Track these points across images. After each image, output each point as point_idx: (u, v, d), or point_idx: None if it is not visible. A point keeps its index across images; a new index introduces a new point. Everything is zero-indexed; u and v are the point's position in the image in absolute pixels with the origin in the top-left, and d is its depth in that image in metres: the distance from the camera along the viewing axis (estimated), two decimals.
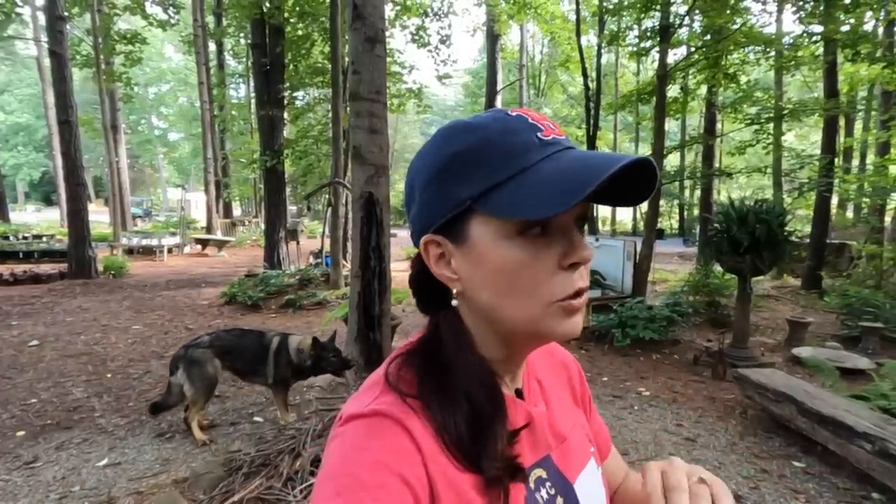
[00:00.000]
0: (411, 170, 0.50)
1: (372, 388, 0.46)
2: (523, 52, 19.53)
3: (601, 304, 5.73)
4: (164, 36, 26.29)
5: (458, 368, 0.46)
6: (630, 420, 3.56)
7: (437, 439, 0.43)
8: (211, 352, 3.13)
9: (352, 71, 3.91)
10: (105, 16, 14.21)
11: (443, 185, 0.45)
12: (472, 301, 0.46)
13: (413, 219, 0.49)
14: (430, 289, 0.50)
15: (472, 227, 0.44)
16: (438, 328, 0.48)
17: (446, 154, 0.45)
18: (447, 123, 0.49)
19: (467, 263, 0.45)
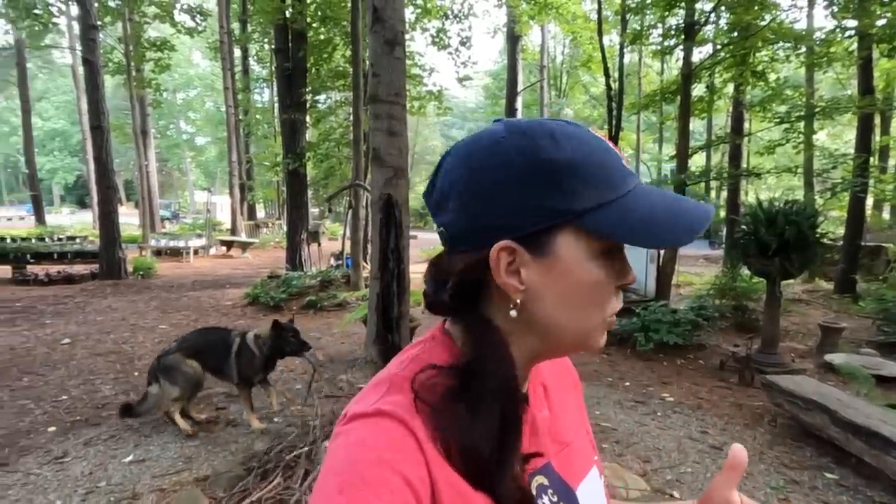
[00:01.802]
0: (474, 166, 0.45)
1: (377, 388, 0.45)
2: (544, 52, 19.39)
3: (623, 308, 5.60)
4: (192, 43, 27.01)
5: (498, 380, 0.44)
6: (653, 426, 3.48)
7: (441, 449, 0.41)
8: (181, 354, 3.23)
9: (371, 73, 3.93)
10: (136, 24, 14.67)
11: (534, 192, 0.43)
12: (532, 312, 0.45)
13: (475, 220, 0.45)
14: (466, 295, 0.47)
15: (560, 241, 0.44)
16: (480, 337, 0.46)
17: (540, 160, 0.43)
18: (521, 123, 0.45)
19: (543, 276, 0.44)
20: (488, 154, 0.45)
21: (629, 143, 21.87)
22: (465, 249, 0.46)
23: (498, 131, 0.46)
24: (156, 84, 15.72)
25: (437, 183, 0.47)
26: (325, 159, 10.13)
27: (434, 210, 0.48)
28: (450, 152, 0.47)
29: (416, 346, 0.50)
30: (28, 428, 3.30)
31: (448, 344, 0.48)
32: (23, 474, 2.73)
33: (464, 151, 0.46)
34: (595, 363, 4.92)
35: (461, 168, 0.46)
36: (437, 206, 0.47)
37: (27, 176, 20.06)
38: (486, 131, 0.47)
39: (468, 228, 0.45)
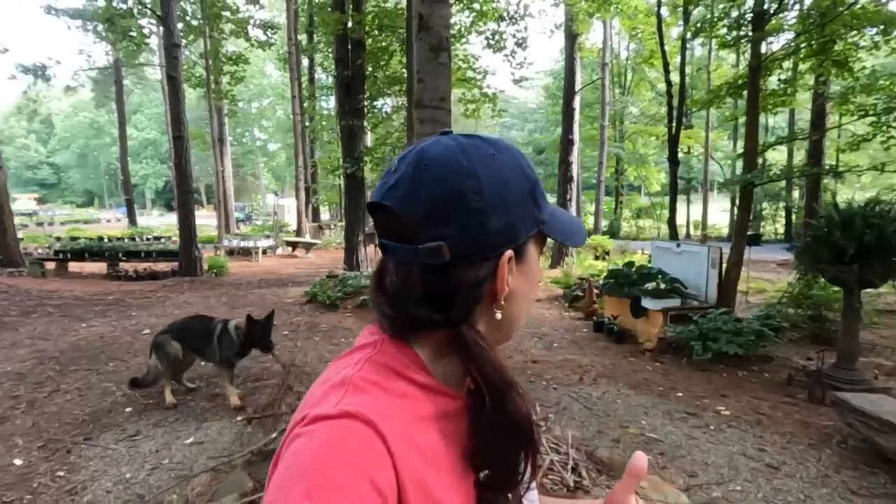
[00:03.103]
0: (488, 182, 0.47)
1: (336, 389, 0.44)
2: (606, 49, 18.79)
3: (680, 314, 5.35)
4: (265, 55, 28.76)
5: (504, 381, 0.48)
6: (703, 440, 3.30)
7: (416, 441, 0.43)
8: (169, 335, 3.73)
9: (417, 80, 4.03)
10: (215, 40, 15.89)
11: (533, 203, 0.50)
12: (507, 311, 0.50)
13: (493, 234, 0.47)
14: (470, 308, 0.48)
15: (529, 246, 0.52)
16: (476, 347, 0.47)
17: (532, 176, 0.51)
18: (506, 143, 0.52)
19: (520, 278, 0.50)
20: (498, 169, 0.48)
21: (698, 141, 20.68)
22: (474, 262, 0.47)
23: (481, 146, 0.49)
24: (231, 95, 16.93)
25: (425, 195, 0.46)
26: (381, 163, 10.44)
27: (423, 223, 0.46)
28: (426, 163, 0.46)
29: (359, 349, 0.50)
30: (109, 408, 3.69)
31: (401, 348, 0.49)
32: (102, 448, 3.06)
33: (460, 166, 0.46)
34: (646, 371, 4.73)
35: (469, 182, 0.46)
36: (430, 220, 0.46)
37: (122, 182, 22.20)
38: (469, 145, 0.48)
39: (483, 242, 0.47)
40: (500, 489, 0.50)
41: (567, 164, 11.35)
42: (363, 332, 0.53)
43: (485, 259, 0.47)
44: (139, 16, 13.23)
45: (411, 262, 0.47)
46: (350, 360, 0.49)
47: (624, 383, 4.39)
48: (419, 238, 0.46)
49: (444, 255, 0.45)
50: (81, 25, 18.96)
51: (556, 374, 4.65)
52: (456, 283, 0.47)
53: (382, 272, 0.52)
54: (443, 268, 0.46)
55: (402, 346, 0.49)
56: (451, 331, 0.48)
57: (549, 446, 2.25)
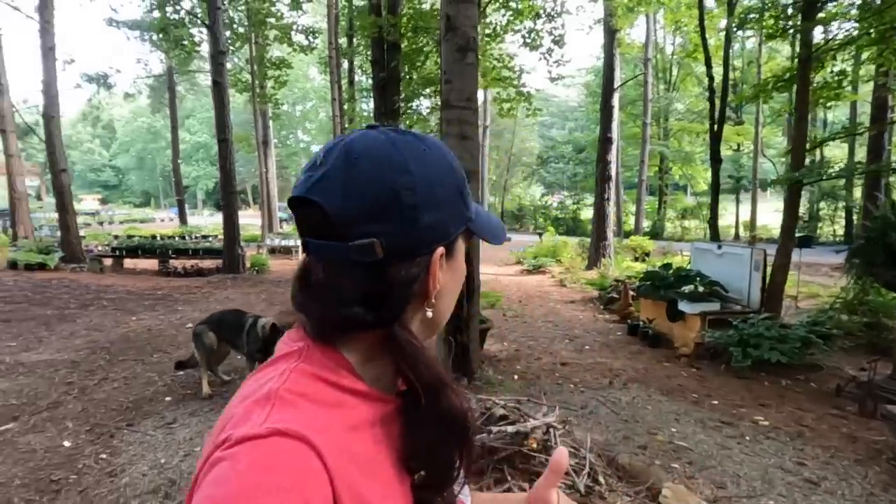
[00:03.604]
0: (425, 177, 0.46)
1: (260, 405, 0.41)
2: (649, 45, 18.21)
3: (719, 319, 5.13)
4: (309, 59, 29.59)
5: (438, 378, 0.48)
6: (737, 451, 3.15)
7: (352, 452, 0.42)
8: (206, 326, 3.98)
9: (444, 80, 4.05)
10: (260, 46, 16.49)
11: (463, 200, 0.51)
12: (437, 308, 0.51)
13: (428, 230, 0.47)
14: (402, 306, 0.47)
15: (457, 244, 0.52)
16: (409, 347, 0.47)
17: (461, 174, 0.51)
18: (434, 139, 0.51)
19: (448, 274, 0.51)
20: (429, 166, 0.47)
21: (747, 138, 19.71)
22: (407, 259, 0.46)
23: (411, 141, 0.48)
24: (275, 99, 17.53)
25: (356, 189, 0.44)
26: None
27: (354, 218, 0.44)
28: (355, 156, 0.45)
29: (282, 359, 0.47)
30: (151, 396, 3.91)
31: (329, 353, 0.47)
32: (142, 434, 3.25)
33: (392, 160, 0.45)
34: (681, 377, 4.56)
35: (402, 177, 0.45)
36: (361, 216, 0.44)
37: (174, 183, 23.41)
38: (399, 140, 0.47)
39: (417, 238, 0.46)
40: (437, 489, 0.49)
41: (605, 163, 11.09)
42: (283, 339, 0.50)
43: (418, 256, 0.47)
44: (190, 25, 13.93)
45: (341, 261, 0.45)
46: (273, 371, 0.45)
47: (656, 388, 4.25)
48: (349, 235, 0.44)
49: (377, 252, 0.44)
50: (139, 36, 20.12)
51: (585, 376, 4.55)
52: (389, 281, 0.46)
53: (306, 272, 0.49)
54: (375, 265, 0.45)
55: (330, 351, 0.47)
56: (381, 331, 0.46)
57: None
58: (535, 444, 2.07)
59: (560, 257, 12.65)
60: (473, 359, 4.15)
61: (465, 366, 4.07)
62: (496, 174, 33.63)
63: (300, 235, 0.49)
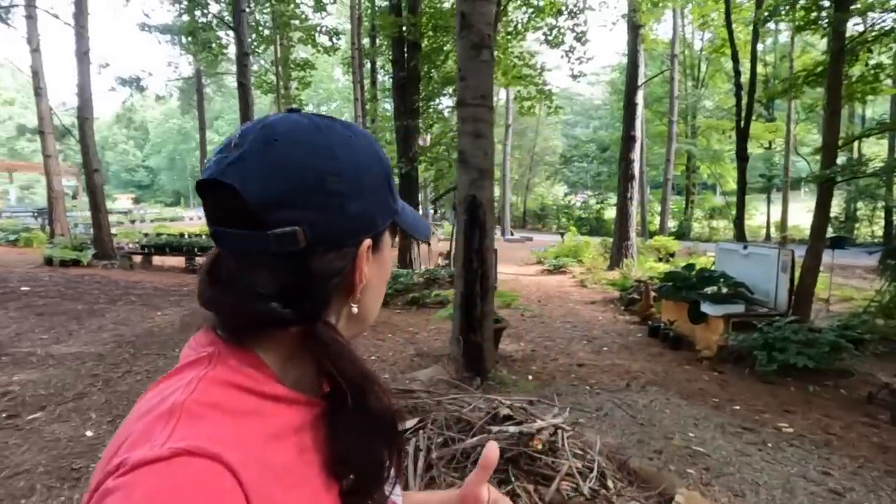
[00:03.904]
0: (350, 163, 0.44)
1: (163, 422, 0.36)
2: (676, 40, 17.78)
3: (743, 322, 4.97)
4: (333, 60, 29.98)
5: (364, 377, 0.45)
6: (757, 458, 3.05)
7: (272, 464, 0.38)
8: None
9: (459, 78, 4.03)
10: (284, 48, 16.78)
11: (390, 192, 0.49)
12: (363, 303, 0.48)
13: (354, 220, 0.44)
14: (325, 300, 0.44)
15: (384, 237, 0.50)
16: (332, 344, 0.44)
17: (388, 165, 0.50)
18: (361, 129, 0.50)
19: (375, 268, 0.49)
20: (357, 153, 0.45)
21: (779, 134, 19.05)
22: (332, 250, 0.43)
23: (337, 127, 0.46)
24: (299, 100, 17.79)
25: (277, 173, 0.41)
26: (435, 161, 10.55)
27: (274, 205, 0.40)
28: (276, 138, 0.42)
29: (190, 366, 0.42)
30: None
31: (243, 356, 0.42)
32: None
33: (317, 144, 0.43)
34: (702, 381, 4.44)
35: (327, 162, 0.43)
36: (282, 202, 0.41)
37: None
38: (324, 124, 0.45)
39: (343, 228, 0.44)
40: (367, 493, 0.47)
41: (628, 162, 10.89)
42: (190, 344, 0.45)
43: (343, 247, 0.44)
44: (217, 28, 14.27)
45: (258, 251, 0.41)
46: (178, 380, 0.40)
47: (675, 392, 4.14)
48: (268, 223, 0.40)
49: (300, 241, 0.41)
50: (170, 39, 20.73)
51: (602, 378, 4.47)
52: (311, 273, 0.42)
53: (216, 265, 0.45)
54: (296, 256, 0.41)
55: (244, 353, 0.43)
56: (301, 328, 0.43)
57: (572, 451, 2.17)
58: (541, 446, 2.03)
59: (581, 257, 12.49)
60: (487, 358, 4.12)
61: (479, 365, 4.04)
62: (519, 173, 33.40)
63: (209, 224, 0.44)
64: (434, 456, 1.98)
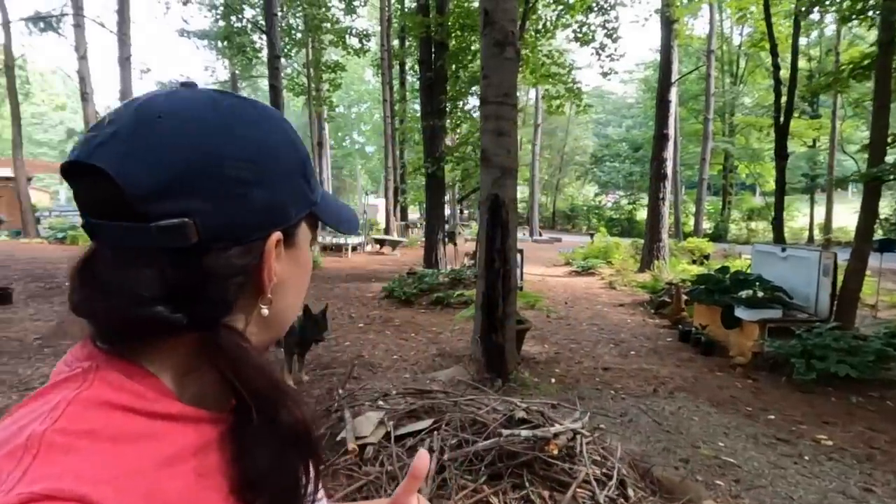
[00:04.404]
0: (254, 145, 0.39)
1: (15, 458, 0.30)
2: (712, 35, 17.21)
3: (780, 327, 4.74)
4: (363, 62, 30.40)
5: (273, 387, 0.40)
6: (792, 471, 2.89)
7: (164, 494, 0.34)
8: None
9: (482, 76, 3.99)
10: (315, 50, 17.10)
11: (305, 180, 0.43)
12: (275, 305, 0.43)
13: (260, 205, 0.39)
14: (225, 302, 0.38)
15: (300, 231, 0.45)
16: (232, 343, 0.39)
17: (303, 151, 0.44)
18: (272, 108, 0.44)
19: (290, 266, 0.44)
20: (264, 134, 0.40)
21: (823, 131, 18.17)
22: (232, 245, 0.38)
23: (240, 105, 0.40)
24: (330, 101, 18.11)
25: (161, 155, 0.35)
26: (461, 162, 10.52)
27: (158, 193, 0.35)
28: (160, 115, 0.36)
29: (57, 387, 0.36)
30: None
31: (128, 370, 0.37)
32: None
33: (212, 123, 0.37)
34: (734, 388, 4.26)
35: (226, 144, 0.37)
36: (168, 189, 0.35)
37: None
38: (223, 101, 0.39)
39: (244, 220, 0.38)
40: None
41: (660, 161, 10.59)
42: (65, 358, 0.39)
43: (247, 241, 0.38)
44: (251, 32, 14.66)
45: (139, 247, 0.35)
46: (40, 405, 0.34)
47: (705, 399, 3.99)
48: (151, 213, 0.34)
49: (190, 235, 0.35)
50: (207, 45, 21.44)
51: (628, 383, 4.35)
52: (206, 271, 0.36)
53: (90, 263, 0.38)
54: (187, 252, 0.36)
55: (129, 366, 0.37)
56: (199, 335, 0.38)
57: (591, 458, 2.10)
58: (557, 451, 1.97)
59: (611, 259, 12.23)
60: (509, 360, 4.06)
61: (500, 367, 3.99)
62: (548, 173, 33.03)
63: (81, 214, 0.38)
64: (446, 458, 1.95)
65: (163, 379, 0.38)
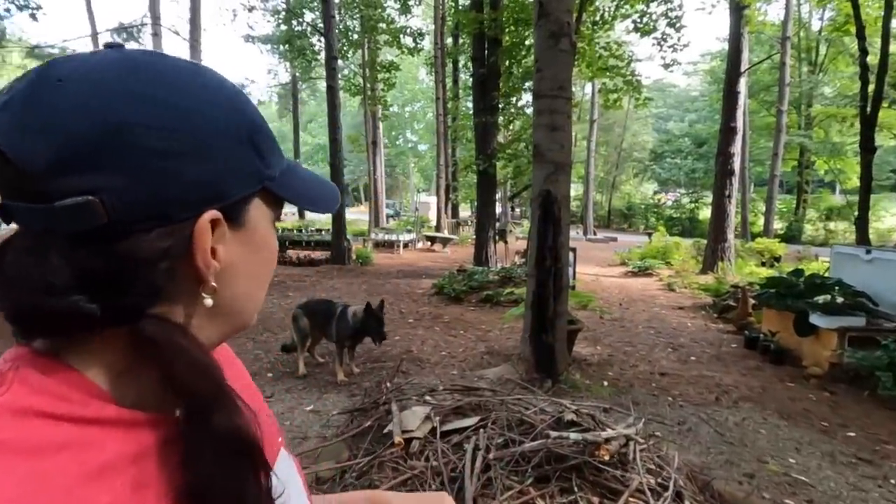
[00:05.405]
0: (192, 110, 0.35)
1: None
2: (788, 21, 15.99)
3: (863, 336, 4.32)
4: (418, 61, 30.76)
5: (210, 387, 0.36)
6: (876, 495, 2.62)
7: None
8: (302, 311, 4.25)
9: (536, 69, 3.90)
10: (371, 51, 17.45)
11: (254, 152, 0.38)
12: (224, 295, 0.38)
13: (187, 179, 0.34)
14: (151, 291, 0.34)
15: (254, 211, 0.40)
16: (163, 337, 0.34)
17: (254, 119, 0.39)
18: (209, 71, 0.38)
19: (240, 250, 0.39)
20: (193, 97, 0.35)
21: None
22: (152, 226, 0.33)
23: (166, 64, 0.35)
24: (384, 100, 18.42)
25: (60, 124, 0.31)
26: (513, 159, 10.38)
27: (58, 168, 0.31)
28: (60, 78, 0.32)
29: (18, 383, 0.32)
30: (255, 371, 4.30)
31: (52, 370, 0.33)
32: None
33: (125, 86, 0.33)
34: (807, 401, 3.93)
35: (142, 109, 0.32)
36: (70, 164, 0.31)
37: None
38: (145, 61, 0.35)
39: (166, 198, 0.33)
40: None
41: (727, 156, 9.97)
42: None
43: (170, 222, 0.34)
44: (310, 35, 15.18)
45: (47, 230, 0.32)
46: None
47: (774, 411, 3.70)
48: (52, 192, 0.31)
49: (98, 215, 0.31)
50: (270, 49, 22.41)
51: (687, 390, 4.12)
52: (123, 256, 0.32)
53: (4, 251, 0.34)
54: (99, 235, 0.32)
55: (55, 365, 0.33)
56: (132, 328, 0.34)
57: (645, 466, 2.00)
58: (608, 457, 1.89)
59: (670, 259, 11.67)
60: (559, 360, 3.95)
61: (550, 367, 3.89)
62: (604, 170, 32.01)
63: None
64: (492, 456, 1.91)
65: (96, 379, 0.34)
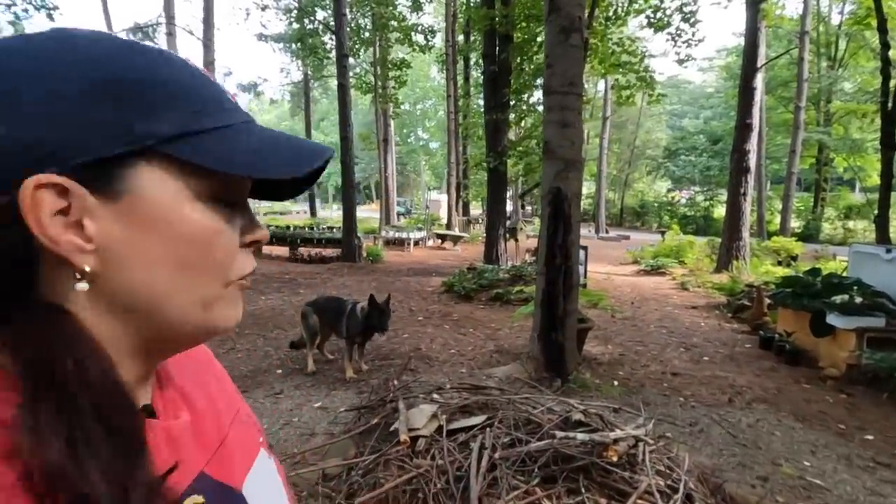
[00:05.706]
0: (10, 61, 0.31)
1: None
2: (807, 15, 15.66)
3: (882, 337, 4.22)
4: (428, 59, 30.71)
5: (95, 390, 0.31)
6: (894, 500, 2.55)
7: None
8: (311, 308, 4.25)
9: (546, 65, 3.85)
10: (382, 48, 17.46)
11: (113, 107, 0.32)
12: (116, 282, 0.33)
13: None
14: None
15: (144, 177, 0.33)
16: (43, 333, 0.31)
17: (116, 72, 0.33)
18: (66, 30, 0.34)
19: (125, 227, 0.33)
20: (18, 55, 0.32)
21: None
22: None
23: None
24: (395, 98, 18.42)
25: None
26: (524, 156, 10.31)
27: None
28: None
29: None
30: (265, 368, 4.33)
31: None
32: (252, 401, 3.59)
33: None
34: (824, 402, 3.85)
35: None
36: None
37: None
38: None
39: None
40: None
41: (742, 153, 9.80)
42: None
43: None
44: (321, 33, 15.23)
45: None
46: None
47: (789, 413, 3.63)
48: None
49: None
50: (283, 47, 22.53)
51: (700, 391, 4.06)
52: None
53: None
54: None
55: None
56: None
57: (654, 467, 1.96)
58: (616, 458, 1.86)
59: (684, 258, 11.52)
60: (568, 359, 3.92)
61: (559, 366, 3.86)
62: (617, 168, 31.71)
63: None
64: (498, 455, 1.89)
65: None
